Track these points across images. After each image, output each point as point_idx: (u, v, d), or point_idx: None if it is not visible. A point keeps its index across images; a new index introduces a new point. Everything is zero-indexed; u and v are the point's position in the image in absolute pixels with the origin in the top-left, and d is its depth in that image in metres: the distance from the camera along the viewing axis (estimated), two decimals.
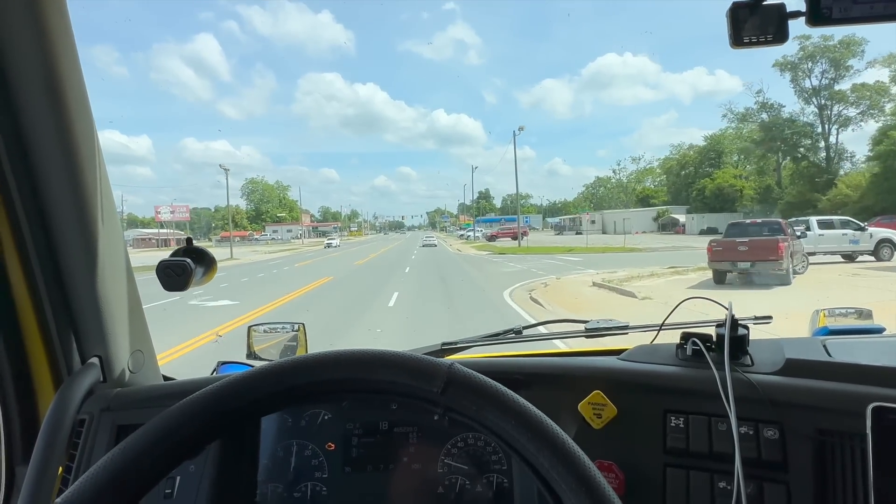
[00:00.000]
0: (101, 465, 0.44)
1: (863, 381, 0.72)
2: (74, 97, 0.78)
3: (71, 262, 0.86)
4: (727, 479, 0.71)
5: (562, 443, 0.46)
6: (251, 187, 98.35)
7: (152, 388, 0.97)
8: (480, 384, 0.50)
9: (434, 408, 0.51)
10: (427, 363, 0.51)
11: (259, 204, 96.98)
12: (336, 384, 0.53)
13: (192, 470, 0.84)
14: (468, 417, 0.50)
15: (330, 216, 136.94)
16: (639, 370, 0.86)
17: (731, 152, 52.97)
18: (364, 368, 0.52)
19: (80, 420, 0.88)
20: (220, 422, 0.50)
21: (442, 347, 1.07)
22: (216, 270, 0.90)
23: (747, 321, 0.87)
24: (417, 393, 0.51)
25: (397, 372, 0.51)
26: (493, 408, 0.49)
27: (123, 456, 0.45)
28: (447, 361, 0.52)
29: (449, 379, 0.50)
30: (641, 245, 27.23)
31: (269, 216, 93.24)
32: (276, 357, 1.16)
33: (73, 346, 0.90)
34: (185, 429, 0.48)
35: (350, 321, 8.44)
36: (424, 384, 0.50)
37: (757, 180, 45.39)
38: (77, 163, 0.80)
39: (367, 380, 0.52)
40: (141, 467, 0.45)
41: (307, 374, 0.52)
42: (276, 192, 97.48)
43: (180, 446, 0.48)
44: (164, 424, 0.48)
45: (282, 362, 0.53)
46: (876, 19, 0.59)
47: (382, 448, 0.88)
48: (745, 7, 0.64)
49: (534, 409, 0.49)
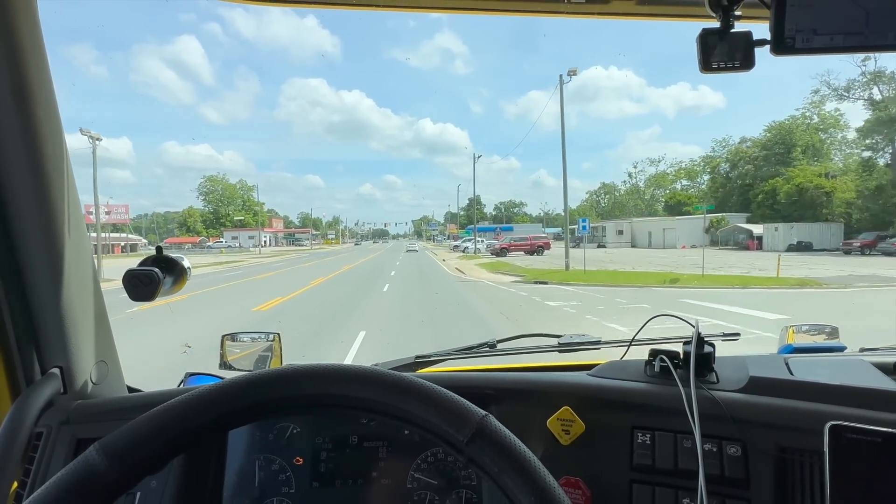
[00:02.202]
0: (55, 482, 0.42)
1: (822, 399, 0.74)
2: (42, 100, 0.76)
3: (34, 269, 0.82)
4: (691, 495, 0.72)
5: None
6: (209, 186, 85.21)
7: (115, 401, 0.93)
8: (510, 445, 0.46)
9: (457, 454, 0.48)
10: (460, 406, 0.48)
11: (218, 206, 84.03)
12: (356, 402, 0.50)
13: (153, 486, 0.82)
14: (487, 475, 0.47)
15: (310, 222, 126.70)
16: (607, 386, 0.86)
17: (813, 145, 41.55)
18: (394, 394, 0.49)
19: (37, 433, 0.85)
20: (186, 436, 0.47)
21: (416, 360, 1.06)
22: (186, 280, 0.87)
23: (715, 338, 0.89)
24: (443, 434, 0.48)
25: (428, 408, 0.48)
26: (517, 477, 0.45)
27: (80, 470, 0.43)
28: (482, 411, 0.48)
29: (479, 430, 0.47)
30: (759, 269, 15.42)
31: (229, 220, 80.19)
32: (251, 367, 1.11)
33: (34, 356, 0.87)
34: (149, 443, 0.45)
35: None
36: (452, 428, 0.47)
37: (859, 179, 33.73)
38: (43, 168, 0.77)
39: (392, 406, 0.49)
40: (99, 483, 0.43)
41: (316, 387, 0.49)
42: (238, 193, 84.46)
43: (142, 461, 0.45)
44: (123, 438, 0.45)
45: (300, 368, 0.50)
46: (835, 50, 0.63)
47: (352, 462, 0.88)
48: (714, 34, 0.66)
49: (559, 490, 0.45)
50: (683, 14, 0.86)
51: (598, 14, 0.88)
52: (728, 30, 0.66)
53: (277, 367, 0.51)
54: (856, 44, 0.63)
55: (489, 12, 0.90)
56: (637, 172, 76.57)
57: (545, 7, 0.86)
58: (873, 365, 0.86)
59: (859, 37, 0.63)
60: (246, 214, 78.87)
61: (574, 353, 1.10)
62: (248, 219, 78.47)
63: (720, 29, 0.66)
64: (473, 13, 0.91)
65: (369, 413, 0.50)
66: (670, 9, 0.85)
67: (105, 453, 0.43)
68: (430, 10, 0.88)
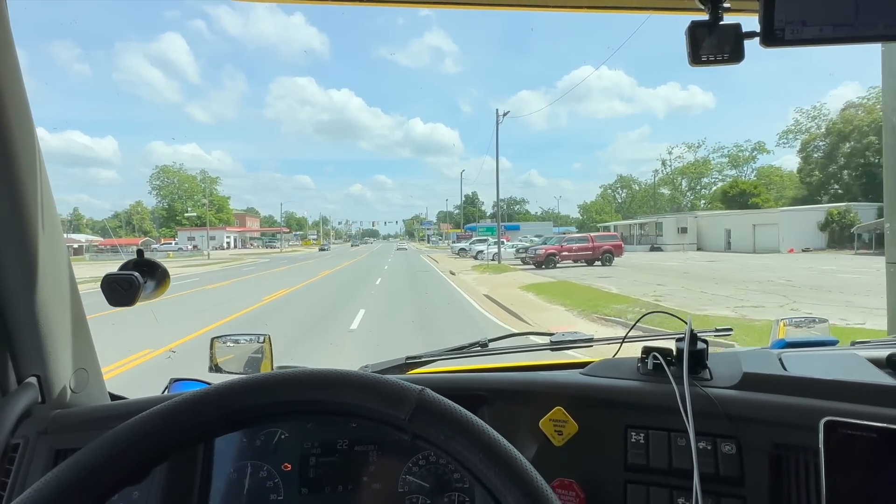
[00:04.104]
0: (32, 493, 0.40)
1: (816, 394, 0.73)
2: (12, 100, 0.74)
3: (7, 274, 0.80)
4: (686, 494, 0.70)
5: (531, 481, 0.44)
6: (164, 178, 72.21)
7: (95, 410, 0.91)
8: (450, 412, 0.47)
9: (402, 434, 0.49)
10: (395, 386, 0.48)
11: (174, 201, 71.14)
12: (297, 405, 0.49)
13: (135, 496, 0.80)
14: (435, 446, 0.47)
15: (294, 222, 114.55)
16: (600, 385, 0.84)
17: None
18: (327, 390, 0.49)
19: (14, 444, 0.83)
20: (169, 445, 0.46)
21: (406, 361, 1.05)
22: (168, 285, 0.85)
23: (708, 334, 0.88)
24: (384, 418, 0.48)
25: (364, 395, 0.48)
26: (463, 439, 0.46)
27: (58, 481, 0.41)
28: (417, 387, 0.49)
29: (418, 405, 0.47)
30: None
31: (185, 217, 67.33)
32: (241, 369, 1.09)
33: (9, 365, 0.84)
34: (130, 452, 0.44)
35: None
36: (391, 409, 0.47)
37: None
38: (16, 170, 0.75)
39: (330, 402, 0.49)
40: (77, 494, 0.41)
41: (265, 395, 0.49)
42: (198, 186, 71.58)
43: (123, 471, 0.44)
44: (104, 447, 0.44)
45: (241, 380, 0.50)
46: (825, 41, 0.63)
47: (341, 468, 0.86)
48: (702, 26, 0.66)
49: (505, 443, 0.46)
50: (673, 7, 0.85)
51: (587, 7, 0.87)
52: (717, 22, 0.66)
53: (220, 384, 0.49)
54: (845, 35, 0.62)
55: (478, 6, 0.89)
56: (673, 159, 64.67)
57: (535, 0, 0.85)
58: (866, 359, 0.85)
59: (849, 28, 0.62)
60: (199, 210, 65.78)
61: (565, 351, 1.10)
62: (209, 216, 65.85)
63: (709, 21, 0.66)
64: (463, 7, 0.90)
65: (310, 414, 0.50)
66: (660, 1, 0.84)
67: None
68: (419, 6, 0.91)
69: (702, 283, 13.76)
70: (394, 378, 0.50)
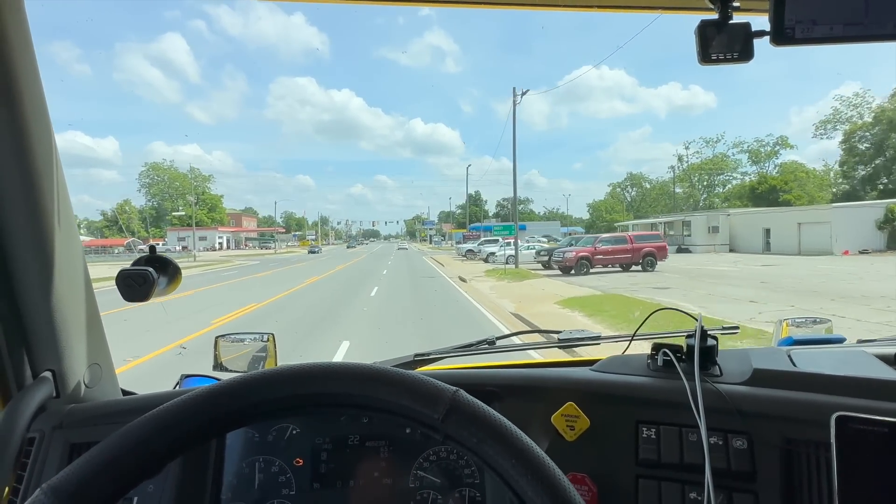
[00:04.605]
0: (49, 487, 0.40)
1: (826, 390, 0.74)
2: (30, 98, 0.75)
3: (24, 270, 0.81)
4: (698, 489, 0.71)
5: (563, 491, 0.43)
6: (153, 176, 68.96)
7: (109, 404, 0.92)
8: (484, 415, 0.47)
9: (434, 434, 0.48)
10: (430, 385, 0.48)
11: (164, 199, 67.91)
12: (330, 398, 0.49)
13: (150, 490, 0.81)
14: (467, 448, 0.47)
15: (293, 222, 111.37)
16: (611, 381, 0.86)
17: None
18: (363, 385, 0.49)
19: (30, 438, 0.84)
20: (188, 437, 0.46)
21: (415, 358, 1.05)
22: (181, 280, 0.86)
23: (716, 331, 0.89)
24: (417, 416, 0.48)
25: (398, 392, 0.48)
26: (495, 443, 0.45)
27: (77, 475, 0.41)
28: (451, 387, 0.49)
29: (452, 406, 0.47)
30: None
31: (175, 217, 64.06)
32: (245, 368, 1.09)
33: (25, 360, 0.85)
34: (148, 445, 0.44)
35: None
36: (425, 408, 0.47)
37: None
38: (33, 168, 0.76)
39: (360, 395, 0.49)
40: (96, 488, 0.41)
41: (300, 385, 0.49)
42: (190, 184, 68.25)
43: (141, 465, 0.44)
44: (123, 441, 0.44)
45: (273, 370, 0.50)
46: (836, 40, 0.63)
47: (353, 463, 0.86)
48: (712, 25, 0.66)
49: (538, 451, 0.45)
50: (682, 6, 0.85)
51: (597, 7, 0.86)
52: (727, 21, 0.66)
53: (237, 376, 0.49)
54: (856, 34, 0.62)
55: (482, 5, 0.88)
56: (690, 155, 61.18)
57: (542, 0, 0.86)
58: (874, 356, 0.85)
59: (859, 27, 0.62)
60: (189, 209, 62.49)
61: (574, 348, 1.07)
62: (200, 216, 62.61)
63: (719, 20, 0.66)
64: (465, 6, 0.89)
65: (342, 408, 0.50)
66: (669, 0, 0.84)
67: (55, 495, 0.41)
68: (420, 5, 0.88)
69: (799, 298, 10.41)
70: (427, 377, 0.49)
